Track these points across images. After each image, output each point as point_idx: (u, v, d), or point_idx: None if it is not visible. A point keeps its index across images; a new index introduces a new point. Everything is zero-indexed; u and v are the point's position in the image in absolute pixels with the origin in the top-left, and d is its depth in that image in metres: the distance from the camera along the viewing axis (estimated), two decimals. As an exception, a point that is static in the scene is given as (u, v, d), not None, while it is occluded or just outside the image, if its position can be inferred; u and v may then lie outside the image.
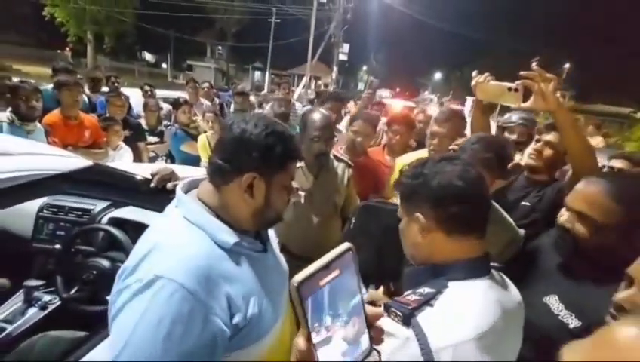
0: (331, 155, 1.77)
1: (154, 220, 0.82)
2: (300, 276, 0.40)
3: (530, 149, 1.64)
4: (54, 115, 2.58)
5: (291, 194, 1.68)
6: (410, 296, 0.69)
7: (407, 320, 0.64)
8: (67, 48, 23.51)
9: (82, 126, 2.66)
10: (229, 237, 0.75)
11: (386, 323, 0.65)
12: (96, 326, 1.09)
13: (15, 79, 2.98)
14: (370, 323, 0.47)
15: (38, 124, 2.35)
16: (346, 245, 0.46)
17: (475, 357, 0.63)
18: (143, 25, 24.78)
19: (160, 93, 5.01)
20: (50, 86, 3.01)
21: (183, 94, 4.94)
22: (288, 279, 0.90)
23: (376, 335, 0.48)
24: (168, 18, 24.61)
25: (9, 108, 2.20)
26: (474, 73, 1.38)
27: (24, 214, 1.60)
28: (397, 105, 7.96)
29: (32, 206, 1.60)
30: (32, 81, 3.07)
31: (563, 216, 1.03)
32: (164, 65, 34.99)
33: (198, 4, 24.56)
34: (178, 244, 0.71)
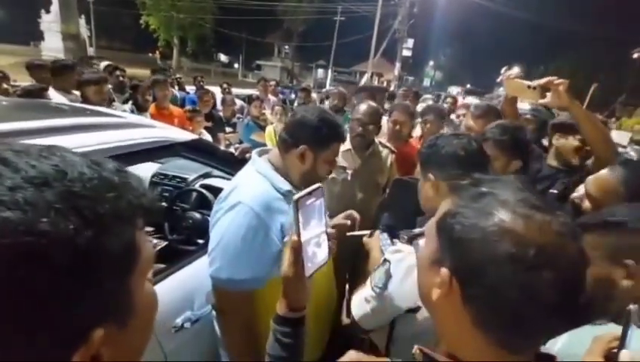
0: (377, 142, 2.03)
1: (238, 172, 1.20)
2: (298, 195, 0.59)
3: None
4: (152, 106, 3.27)
5: (340, 173, 1.98)
6: (417, 230, 0.95)
7: (410, 241, 0.90)
8: (157, 52, 27.03)
9: (172, 115, 3.28)
10: (284, 185, 1.09)
11: (397, 244, 0.93)
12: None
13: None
14: (328, 238, 0.70)
15: (148, 114, 3.03)
16: (318, 184, 0.65)
17: None
18: (220, 29, 27.34)
19: (232, 90, 5.65)
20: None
21: (251, 92, 5.55)
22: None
23: (332, 247, 0.72)
24: (241, 22, 26.72)
25: (130, 101, 2.91)
26: (503, 69, 1.53)
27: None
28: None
29: (147, 173, 2.15)
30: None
31: (577, 192, 1.18)
32: (235, 66, 37.94)
33: (268, 8, 26.19)
34: (251, 185, 1.08)
